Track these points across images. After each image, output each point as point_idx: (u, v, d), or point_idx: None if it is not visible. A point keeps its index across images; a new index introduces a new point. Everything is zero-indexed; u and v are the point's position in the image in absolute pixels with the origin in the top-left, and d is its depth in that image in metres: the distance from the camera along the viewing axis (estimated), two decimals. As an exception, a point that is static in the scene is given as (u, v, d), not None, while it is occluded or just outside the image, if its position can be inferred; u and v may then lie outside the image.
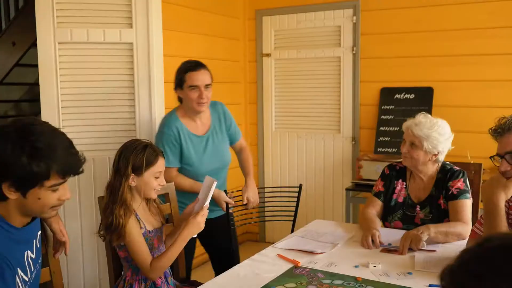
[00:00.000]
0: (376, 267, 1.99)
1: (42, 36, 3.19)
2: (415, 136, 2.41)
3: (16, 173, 1.37)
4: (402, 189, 2.55)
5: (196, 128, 2.78)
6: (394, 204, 2.54)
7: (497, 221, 1.84)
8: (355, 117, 4.30)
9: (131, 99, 3.42)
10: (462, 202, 2.37)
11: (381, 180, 2.62)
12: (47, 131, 1.44)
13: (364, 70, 4.24)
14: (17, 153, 1.36)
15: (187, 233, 2.06)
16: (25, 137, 1.38)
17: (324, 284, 1.84)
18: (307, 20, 4.44)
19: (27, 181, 1.40)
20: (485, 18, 3.75)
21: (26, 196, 1.42)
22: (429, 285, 1.81)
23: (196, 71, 2.71)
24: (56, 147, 1.42)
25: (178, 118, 2.75)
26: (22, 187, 1.40)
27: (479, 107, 3.82)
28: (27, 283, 1.50)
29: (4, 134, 1.38)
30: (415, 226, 2.38)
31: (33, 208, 1.46)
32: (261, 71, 4.68)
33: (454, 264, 0.91)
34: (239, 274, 1.98)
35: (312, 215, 4.48)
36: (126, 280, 2.11)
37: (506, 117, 1.86)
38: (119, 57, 3.38)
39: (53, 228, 1.81)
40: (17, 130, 1.39)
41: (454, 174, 2.44)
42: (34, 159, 1.37)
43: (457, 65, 3.88)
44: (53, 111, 3.23)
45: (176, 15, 3.87)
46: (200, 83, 2.68)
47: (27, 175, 1.38)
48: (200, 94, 2.67)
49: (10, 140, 1.37)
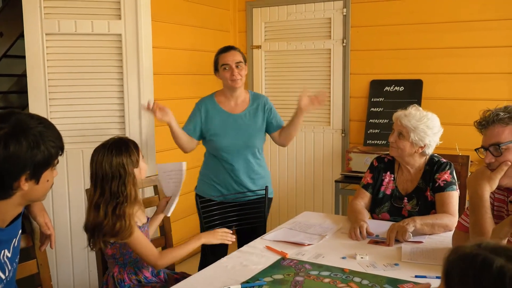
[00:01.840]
0: (363, 259, 2.00)
1: (29, 27, 3.16)
2: (403, 126, 2.44)
3: (37, 161, 1.45)
4: (390, 181, 2.57)
5: (230, 107, 2.99)
6: (382, 196, 2.56)
7: (482, 213, 1.85)
8: (345, 109, 4.31)
9: (119, 91, 3.40)
10: (448, 194, 2.39)
11: (370, 172, 2.63)
12: (35, 116, 1.51)
13: (354, 62, 4.24)
14: (34, 143, 1.43)
15: (204, 240, 2.18)
16: (29, 127, 1.45)
17: (311, 276, 1.85)
18: (297, 12, 4.43)
19: (44, 165, 1.48)
20: (476, 11, 3.76)
21: (38, 182, 1.49)
22: (415, 276, 1.83)
23: (226, 53, 2.94)
24: (52, 127, 1.53)
25: (213, 97, 3.03)
26: (38, 173, 1.48)
27: (469, 100, 3.84)
28: (3, 281, 1.50)
29: (10, 134, 1.41)
30: (402, 218, 2.40)
31: (41, 192, 1.54)
32: (251, 63, 4.67)
33: None
34: (227, 265, 1.98)
35: (302, 206, 4.50)
36: (115, 275, 2.11)
37: (490, 110, 1.88)
38: (108, 48, 3.36)
39: (38, 221, 1.80)
40: (15, 126, 1.43)
41: (441, 166, 2.46)
42: (47, 143, 1.47)
43: (446, 57, 3.89)
44: (41, 103, 3.21)
45: (165, 7, 3.85)
46: (230, 62, 2.90)
47: (45, 159, 1.47)
48: (232, 71, 2.89)
49: (18, 135, 1.42)
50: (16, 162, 1.41)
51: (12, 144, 1.40)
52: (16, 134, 1.41)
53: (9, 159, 1.40)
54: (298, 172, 4.56)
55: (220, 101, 3.00)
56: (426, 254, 2.05)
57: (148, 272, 2.16)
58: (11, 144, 1.39)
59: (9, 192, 1.46)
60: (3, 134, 1.41)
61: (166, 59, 3.89)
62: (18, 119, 1.44)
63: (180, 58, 4.05)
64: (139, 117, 3.45)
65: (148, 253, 2.03)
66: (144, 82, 3.44)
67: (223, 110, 2.97)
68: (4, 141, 1.40)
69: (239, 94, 2.99)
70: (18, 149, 1.40)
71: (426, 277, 1.81)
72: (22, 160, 1.41)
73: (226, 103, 2.99)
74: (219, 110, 2.97)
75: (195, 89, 4.06)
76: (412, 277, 1.82)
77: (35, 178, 1.47)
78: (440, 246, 2.14)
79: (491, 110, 1.87)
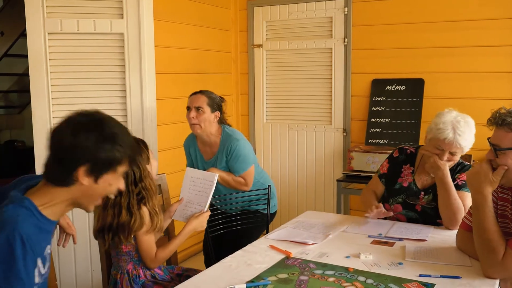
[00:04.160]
0: (367, 258, 2.00)
1: (31, 26, 3.15)
2: (458, 147, 2.35)
3: (98, 157, 1.46)
4: (409, 174, 2.55)
5: (204, 150, 3.07)
6: (398, 188, 2.55)
7: (485, 212, 1.86)
8: (346, 109, 4.31)
9: (122, 90, 3.40)
10: (462, 194, 2.38)
11: (388, 162, 2.64)
12: (116, 121, 1.55)
13: (356, 61, 4.24)
14: (101, 139, 1.46)
15: (191, 229, 2.21)
16: (104, 125, 1.49)
17: (316, 275, 1.85)
18: (299, 11, 4.43)
19: (105, 165, 1.48)
20: (477, 10, 3.76)
21: (98, 181, 1.49)
22: (420, 275, 1.83)
23: (192, 96, 3.02)
24: (128, 135, 1.55)
25: (195, 139, 3.11)
26: (98, 171, 1.48)
27: (470, 99, 3.84)
28: (42, 276, 1.49)
29: (84, 125, 1.47)
30: (414, 213, 2.43)
31: (97, 194, 1.53)
32: (252, 62, 4.67)
33: None
34: (231, 265, 1.99)
35: (303, 206, 4.50)
36: (129, 272, 2.12)
37: (504, 109, 1.88)
38: (110, 47, 3.36)
39: (61, 223, 1.82)
40: (95, 121, 1.49)
41: (464, 168, 2.46)
42: (115, 144, 1.48)
43: (448, 56, 3.89)
44: (43, 102, 3.21)
45: (167, 6, 3.85)
46: (189, 104, 2.98)
47: (108, 159, 1.47)
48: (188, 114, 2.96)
49: (91, 129, 1.46)
50: (79, 151, 1.44)
51: (81, 133, 1.45)
52: (89, 126, 1.47)
53: (74, 147, 1.44)
54: (299, 172, 4.57)
55: (199, 143, 3.08)
56: (430, 253, 2.05)
57: (158, 269, 2.18)
58: (81, 133, 1.45)
59: (69, 180, 1.47)
60: (77, 123, 1.47)
61: (168, 58, 3.88)
62: (99, 117, 1.51)
63: (181, 57, 4.05)
64: (141, 116, 3.45)
65: (147, 253, 2.09)
66: (146, 81, 3.44)
67: (200, 155, 3.08)
68: (75, 129, 1.46)
69: (208, 139, 3.00)
70: (84, 140, 1.44)
71: (430, 276, 1.82)
72: (86, 150, 1.44)
73: (201, 147, 3.08)
74: (198, 153, 3.09)
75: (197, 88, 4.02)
76: (417, 276, 1.82)
77: (94, 175, 1.47)
78: (444, 245, 2.15)
79: (504, 110, 1.87)
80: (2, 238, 1.37)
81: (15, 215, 1.41)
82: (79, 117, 1.50)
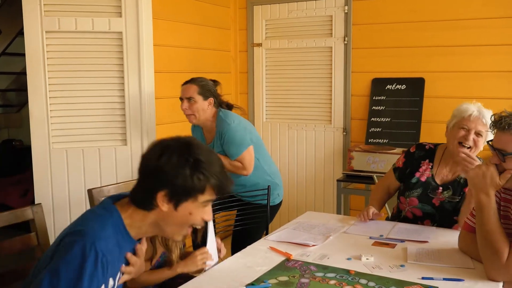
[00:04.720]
0: (368, 260, 1.98)
1: (29, 24, 3.12)
2: (483, 124, 2.31)
3: (177, 183, 1.41)
4: (427, 169, 2.53)
5: (207, 136, 3.10)
6: (415, 182, 2.53)
7: (489, 213, 1.84)
8: (346, 108, 4.29)
9: (120, 89, 3.38)
10: None
11: (404, 157, 2.64)
12: (206, 148, 1.50)
13: (356, 60, 4.22)
14: (182, 164, 1.41)
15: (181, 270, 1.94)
16: (189, 151, 1.43)
17: (317, 277, 1.83)
18: (299, 9, 4.40)
19: (185, 192, 1.43)
20: (478, 9, 3.74)
21: (177, 208, 1.44)
22: (422, 277, 1.81)
23: (183, 86, 3.00)
24: (214, 164, 1.47)
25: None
26: (177, 197, 1.43)
27: (471, 98, 3.77)
28: None
29: (170, 147, 1.44)
30: (431, 207, 2.44)
31: (176, 223, 1.47)
32: (252, 61, 4.64)
33: None
34: (231, 267, 1.96)
35: (303, 206, 4.48)
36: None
37: (500, 115, 1.86)
38: (108, 46, 3.33)
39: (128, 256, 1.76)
40: (180, 145, 1.45)
41: None
42: (196, 171, 1.42)
43: (448, 55, 3.87)
44: (41, 101, 3.18)
45: (166, 4, 3.82)
46: (182, 95, 2.97)
47: (186, 186, 1.42)
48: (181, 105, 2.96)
49: (175, 152, 1.42)
50: (160, 174, 1.42)
51: (165, 157, 1.42)
52: (174, 151, 1.43)
53: (155, 170, 1.42)
54: (299, 171, 4.54)
55: (203, 128, 3.11)
56: (432, 255, 2.03)
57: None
58: (164, 156, 1.42)
59: (150, 204, 1.44)
60: (165, 146, 1.45)
61: (166, 57, 3.86)
62: (187, 142, 1.47)
63: (180, 56, 4.02)
64: (140, 115, 3.43)
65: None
66: (145, 80, 3.42)
67: (204, 139, 3.10)
68: (161, 152, 1.43)
69: (205, 125, 3.04)
70: (166, 163, 1.41)
71: (433, 279, 1.79)
72: (166, 175, 1.41)
73: (205, 132, 3.11)
74: (203, 137, 3.11)
75: (196, 87, 4.03)
76: (419, 279, 1.80)
77: (173, 201, 1.43)
78: (446, 247, 2.13)
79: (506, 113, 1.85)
80: (79, 247, 1.33)
81: (99, 229, 1.38)
82: (170, 140, 1.47)
